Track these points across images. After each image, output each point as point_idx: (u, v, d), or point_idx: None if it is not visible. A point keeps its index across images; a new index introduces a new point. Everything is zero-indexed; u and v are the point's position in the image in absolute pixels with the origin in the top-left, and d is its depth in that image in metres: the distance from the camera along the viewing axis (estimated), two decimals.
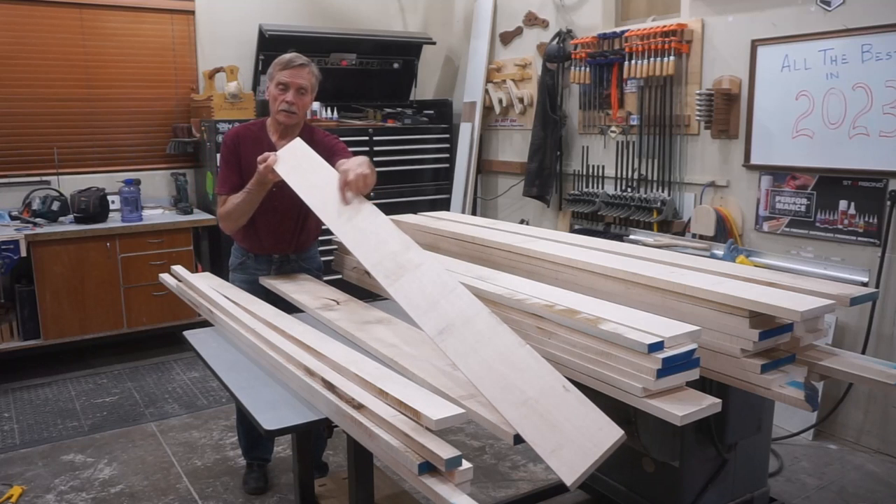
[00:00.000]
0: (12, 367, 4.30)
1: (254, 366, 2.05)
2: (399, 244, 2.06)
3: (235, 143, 2.72)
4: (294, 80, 2.62)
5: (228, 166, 2.72)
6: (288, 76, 2.61)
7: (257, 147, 2.65)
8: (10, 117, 4.58)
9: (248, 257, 2.85)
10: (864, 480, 3.10)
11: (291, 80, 2.61)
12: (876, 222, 3.24)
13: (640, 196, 4.22)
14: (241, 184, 2.66)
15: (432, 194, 5.52)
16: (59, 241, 4.20)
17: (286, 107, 2.63)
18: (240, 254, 2.88)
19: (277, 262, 2.85)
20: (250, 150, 2.67)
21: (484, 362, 1.64)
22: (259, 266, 2.84)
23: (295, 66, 2.62)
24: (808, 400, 1.79)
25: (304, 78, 2.64)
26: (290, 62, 2.63)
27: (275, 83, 2.64)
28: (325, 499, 2.51)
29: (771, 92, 3.59)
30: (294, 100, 2.62)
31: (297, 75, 2.62)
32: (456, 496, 1.34)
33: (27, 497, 2.99)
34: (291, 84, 2.62)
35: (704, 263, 2.27)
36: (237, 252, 2.90)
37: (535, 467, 3.21)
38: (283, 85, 2.62)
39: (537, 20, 5.02)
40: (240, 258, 2.88)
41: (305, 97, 2.66)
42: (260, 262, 2.84)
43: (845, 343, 3.38)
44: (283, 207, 2.74)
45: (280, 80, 2.62)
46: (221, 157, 2.76)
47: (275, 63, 2.66)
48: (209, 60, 5.06)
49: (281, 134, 2.71)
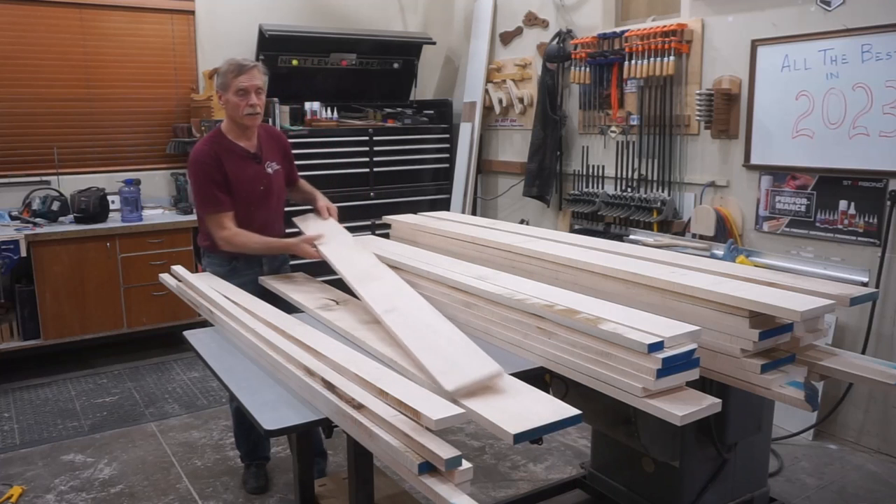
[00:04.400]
0: (12, 367, 4.31)
1: (254, 366, 2.05)
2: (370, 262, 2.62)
3: (216, 159, 2.76)
4: (252, 82, 2.72)
5: (216, 185, 2.75)
6: (246, 80, 2.71)
7: (234, 157, 2.79)
8: (10, 117, 4.59)
9: (238, 261, 2.85)
10: (864, 480, 3.10)
11: (250, 84, 2.72)
12: (876, 222, 3.24)
13: (640, 196, 4.22)
14: (231, 199, 2.77)
15: (432, 194, 5.52)
16: (59, 241, 4.21)
17: (251, 110, 2.74)
18: (226, 261, 2.85)
19: (268, 259, 2.91)
20: (231, 162, 2.78)
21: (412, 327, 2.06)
22: (251, 267, 2.86)
23: (248, 69, 2.72)
24: (808, 400, 1.79)
25: (259, 78, 2.75)
26: (242, 66, 2.72)
27: (233, 90, 2.72)
28: (325, 499, 2.50)
29: (771, 92, 3.59)
30: (257, 101, 2.74)
31: (253, 77, 2.73)
32: (456, 496, 1.34)
33: (27, 497, 2.99)
34: (250, 87, 2.72)
35: (704, 263, 2.27)
36: (221, 260, 2.85)
37: (535, 467, 3.21)
38: (244, 90, 2.71)
39: (537, 20, 5.02)
40: (227, 265, 2.85)
41: (262, 95, 2.78)
42: (251, 262, 2.86)
43: (845, 343, 3.38)
44: (273, 204, 2.89)
45: (239, 86, 2.71)
46: (202, 176, 2.74)
47: (224, 71, 2.74)
48: (209, 60, 5.06)
49: (242, 136, 2.83)
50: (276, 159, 2.92)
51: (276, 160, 2.92)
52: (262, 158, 2.86)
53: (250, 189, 2.81)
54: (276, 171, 2.91)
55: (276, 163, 2.91)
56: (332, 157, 4.96)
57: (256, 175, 2.83)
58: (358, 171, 5.13)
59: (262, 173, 2.85)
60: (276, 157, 2.93)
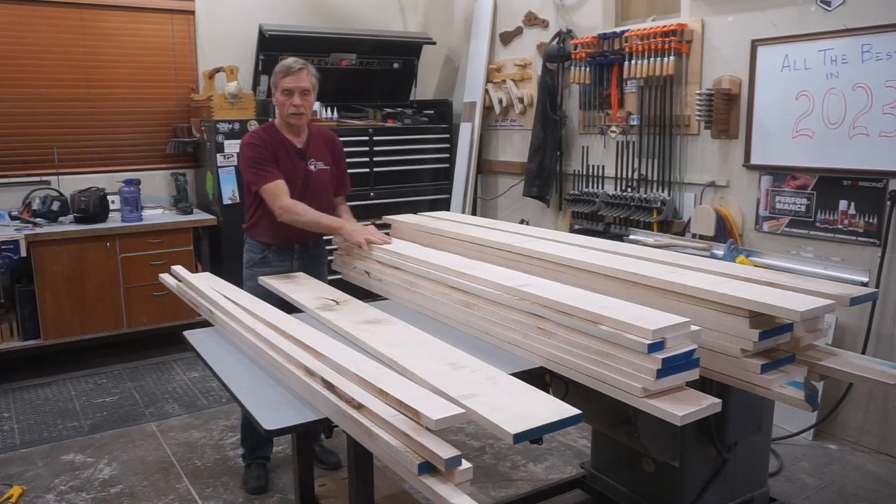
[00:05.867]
0: (12, 367, 4.30)
1: (254, 366, 2.05)
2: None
3: (264, 142, 2.88)
4: (297, 84, 2.83)
5: (268, 161, 2.86)
6: (291, 82, 2.83)
7: (282, 148, 2.89)
8: (10, 117, 4.58)
9: (270, 250, 2.97)
10: (864, 480, 3.10)
11: (295, 85, 2.83)
12: (876, 222, 3.24)
13: (640, 196, 4.22)
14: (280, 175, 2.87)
15: (432, 194, 5.52)
16: (59, 241, 4.20)
17: (294, 110, 2.85)
18: (259, 249, 2.99)
19: (298, 252, 3.01)
20: (277, 150, 2.89)
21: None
22: (282, 259, 2.98)
23: (295, 71, 2.83)
24: (808, 400, 1.79)
25: (306, 80, 2.85)
26: (289, 68, 2.84)
27: (280, 90, 2.86)
28: (325, 499, 2.51)
29: (771, 92, 3.59)
30: (300, 102, 2.85)
31: (299, 79, 2.84)
32: (456, 496, 1.34)
33: (27, 497, 2.99)
34: (295, 88, 2.83)
35: (704, 263, 2.27)
36: (256, 248, 3.00)
37: (535, 467, 3.21)
38: (288, 90, 2.84)
39: (537, 20, 5.02)
40: (260, 253, 2.98)
41: (309, 97, 2.89)
42: (282, 254, 2.97)
43: (845, 343, 3.38)
44: (317, 191, 2.97)
45: (284, 86, 2.84)
46: (255, 153, 2.86)
47: (275, 72, 2.87)
48: (209, 60, 5.06)
49: (290, 132, 2.94)
50: (325, 159, 3.02)
51: (325, 160, 3.01)
52: (307, 155, 2.95)
53: (289, 181, 2.89)
54: (321, 171, 3.00)
55: (322, 163, 3.00)
56: None
57: (297, 169, 2.93)
58: (358, 171, 5.12)
59: (303, 169, 2.94)
60: (325, 157, 3.02)
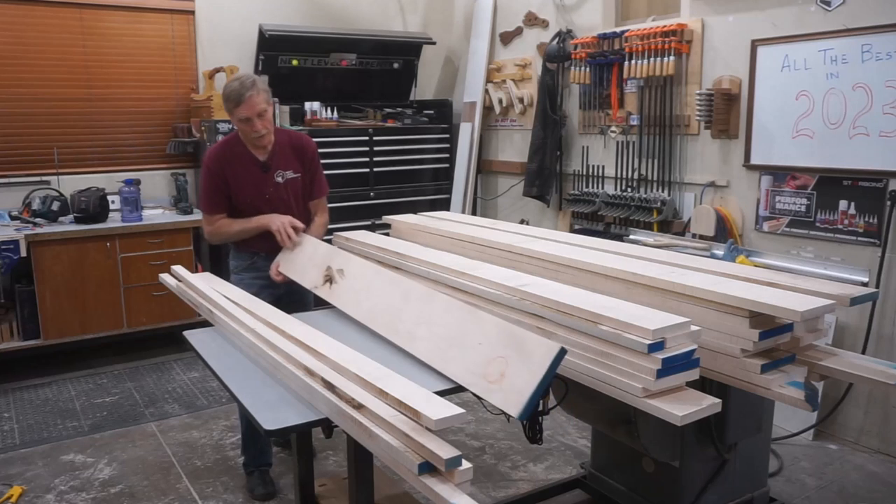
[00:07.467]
0: (12, 367, 4.30)
1: (254, 366, 2.05)
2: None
3: (220, 165, 2.83)
4: (252, 110, 2.70)
5: (215, 189, 2.84)
6: (245, 110, 2.69)
7: (242, 162, 2.84)
8: (10, 117, 4.58)
9: (258, 257, 2.94)
10: (864, 480, 3.10)
11: (250, 113, 2.70)
12: (876, 222, 3.24)
13: (640, 196, 4.22)
14: (228, 203, 2.85)
15: (432, 194, 5.52)
16: (59, 241, 4.20)
17: (257, 134, 2.77)
18: (247, 256, 2.97)
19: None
20: (235, 169, 2.83)
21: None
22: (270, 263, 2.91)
23: (246, 98, 2.67)
24: (808, 400, 1.79)
25: (259, 102, 2.70)
26: (240, 96, 2.67)
27: (236, 119, 2.75)
28: (325, 499, 2.51)
29: (771, 92, 3.58)
30: (260, 126, 2.75)
31: (252, 105, 2.69)
32: (456, 496, 1.34)
33: (27, 497, 2.99)
34: (251, 115, 2.71)
35: (704, 263, 2.27)
36: (243, 255, 2.98)
37: (535, 467, 3.21)
38: (245, 119, 2.72)
39: (537, 20, 5.02)
40: (248, 259, 2.97)
41: (267, 115, 2.77)
42: (271, 259, 2.92)
43: (845, 343, 3.38)
44: (288, 199, 2.94)
45: (240, 116, 2.71)
46: (206, 178, 2.86)
47: (225, 99, 2.73)
48: (209, 60, 5.06)
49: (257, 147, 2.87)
50: (293, 167, 2.95)
51: (292, 169, 2.95)
52: (270, 167, 2.89)
53: (255, 195, 2.87)
54: (289, 180, 2.94)
55: (291, 171, 2.94)
56: (333, 157, 4.95)
57: (262, 182, 2.88)
58: (358, 171, 5.13)
59: (268, 181, 2.89)
60: (294, 165, 2.96)
